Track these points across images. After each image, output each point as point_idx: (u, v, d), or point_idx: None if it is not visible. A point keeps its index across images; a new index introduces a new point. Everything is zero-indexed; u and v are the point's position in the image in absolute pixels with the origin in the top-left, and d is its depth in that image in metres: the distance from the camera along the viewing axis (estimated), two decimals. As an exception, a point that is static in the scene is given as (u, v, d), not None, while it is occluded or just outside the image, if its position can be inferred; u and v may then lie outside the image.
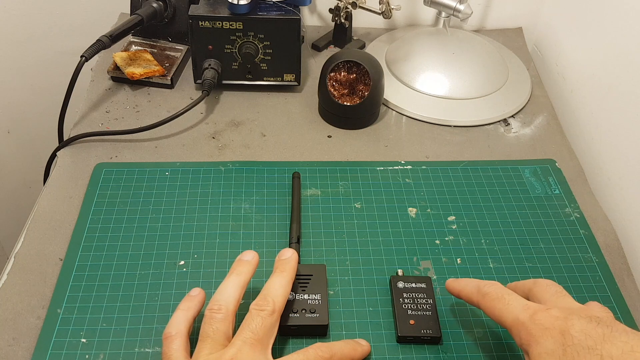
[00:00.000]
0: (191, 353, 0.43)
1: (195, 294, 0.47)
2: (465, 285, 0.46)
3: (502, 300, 0.42)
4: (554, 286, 0.43)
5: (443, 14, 0.76)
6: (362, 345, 0.46)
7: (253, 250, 0.52)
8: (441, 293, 0.52)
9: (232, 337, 0.42)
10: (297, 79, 0.72)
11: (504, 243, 0.57)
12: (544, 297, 0.42)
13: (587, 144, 0.70)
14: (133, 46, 0.77)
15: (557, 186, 0.63)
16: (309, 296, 0.49)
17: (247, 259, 0.47)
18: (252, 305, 0.44)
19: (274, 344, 0.47)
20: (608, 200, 0.64)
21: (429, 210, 0.60)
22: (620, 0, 0.65)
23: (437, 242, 0.57)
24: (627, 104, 0.63)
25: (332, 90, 0.68)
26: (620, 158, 0.64)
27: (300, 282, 0.50)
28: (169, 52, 0.77)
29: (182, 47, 0.77)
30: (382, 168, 0.64)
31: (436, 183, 0.62)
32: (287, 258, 0.48)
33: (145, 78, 0.72)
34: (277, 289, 0.45)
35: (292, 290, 0.49)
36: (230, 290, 0.45)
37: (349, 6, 0.77)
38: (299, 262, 0.53)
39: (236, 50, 0.69)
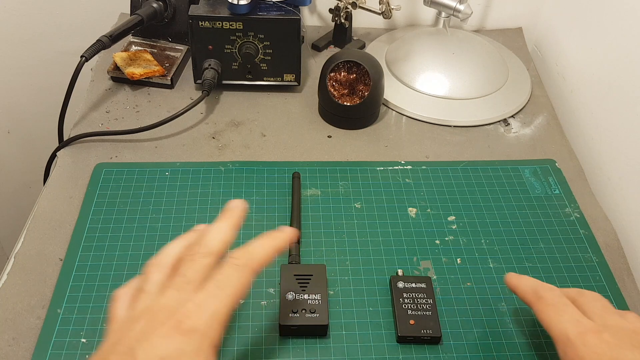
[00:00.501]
0: None
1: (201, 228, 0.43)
2: (524, 283, 0.45)
3: (555, 307, 0.41)
4: (601, 300, 0.42)
5: (443, 14, 0.76)
6: (282, 232, 0.42)
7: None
8: (441, 293, 0.52)
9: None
10: (297, 79, 0.72)
11: (504, 243, 0.57)
12: (592, 311, 0.41)
13: (587, 144, 0.70)
14: (133, 46, 0.77)
15: (557, 186, 0.63)
16: (309, 296, 0.49)
17: (200, 228, 0.43)
18: (184, 253, 0.41)
19: (273, 344, 0.47)
20: (608, 200, 0.64)
21: (429, 210, 0.60)
22: (620, 0, 0.66)
23: (437, 242, 0.57)
24: (627, 104, 0.63)
25: (332, 90, 0.68)
26: (620, 158, 0.64)
27: (300, 282, 0.50)
28: (169, 52, 0.77)
29: (182, 47, 0.77)
30: (382, 168, 0.64)
31: (436, 183, 0.62)
32: (233, 207, 0.43)
33: (145, 78, 0.72)
34: (214, 233, 0.41)
35: (292, 290, 0.49)
36: (172, 248, 0.41)
37: (349, 6, 0.77)
38: (299, 262, 0.53)
39: (236, 50, 0.69)
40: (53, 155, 0.65)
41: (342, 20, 0.79)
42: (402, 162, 0.65)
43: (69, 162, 0.63)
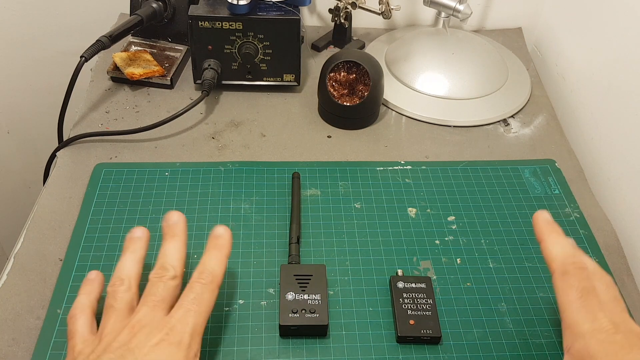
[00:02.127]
0: None
1: (93, 277, 0.47)
2: (554, 246, 0.43)
3: (578, 293, 0.40)
4: (613, 289, 0.41)
5: (443, 14, 0.76)
6: (221, 237, 0.46)
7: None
8: (441, 293, 0.52)
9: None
10: (297, 79, 0.72)
11: (504, 243, 0.57)
12: (604, 301, 0.40)
13: (587, 144, 0.70)
14: (133, 46, 0.77)
15: (557, 186, 0.63)
16: (308, 296, 0.49)
17: (139, 236, 0.47)
18: (151, 275, 0.44)
19: (273, 344, 0.47)
20: (608, 200, 0.64)
21: (428, 210, 0.60)
22: (620, 0, 0.66)
23: (437, 242, 0.57)
24: (627, 104, 0.63)
25: (332, 90, 0.68)
26: (620, 158, 0.64)
27: (300, 282, 0.50)
28: (168, 53, 0.77)
29: (182, 47, 0.77)
30: (382, 168, 0.64)
31: (436, 183, 0.62)
32: (175, 221, 0.47)
33: (145, 78, 0.72)
34: (174, 254, 0.45)
35: (292, 290, 0.49)
36: (128, 265, 0.45)
37: (349, 6, 0.77)
38: (299, 262, 0.53)
39: (236, 51, 0.69)
40: (53, 156, 0.65)
41: (342, 21, 0.79)
42: (402, 162, 0.65)
43: (69, 162, 0.63)
